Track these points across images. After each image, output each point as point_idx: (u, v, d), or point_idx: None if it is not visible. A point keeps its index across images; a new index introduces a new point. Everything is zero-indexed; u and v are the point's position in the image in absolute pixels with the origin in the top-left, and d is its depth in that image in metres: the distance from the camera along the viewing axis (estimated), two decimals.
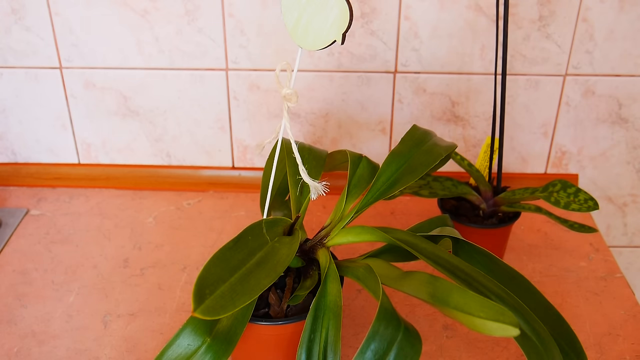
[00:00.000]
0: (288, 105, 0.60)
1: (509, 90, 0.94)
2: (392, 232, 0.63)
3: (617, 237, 1.06)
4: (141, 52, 0.93)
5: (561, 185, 0.77)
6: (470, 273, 0.58)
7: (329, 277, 0.60)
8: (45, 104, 0.97)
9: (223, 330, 0.56)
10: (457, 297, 0.52)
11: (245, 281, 0.52)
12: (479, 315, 0.49)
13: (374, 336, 0.51)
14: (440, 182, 0.82)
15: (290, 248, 0.58)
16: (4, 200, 0.99)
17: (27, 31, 0.92)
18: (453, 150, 0.72)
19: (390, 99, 0.95)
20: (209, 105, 0.97)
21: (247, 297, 0.51)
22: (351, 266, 0.63)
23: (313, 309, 0.57)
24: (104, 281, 0.83)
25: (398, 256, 0.65)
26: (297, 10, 0.57)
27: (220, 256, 0.53)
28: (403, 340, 0.52)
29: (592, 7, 0.87)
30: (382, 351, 0.51)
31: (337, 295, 0.58)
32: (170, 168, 1.02)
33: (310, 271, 0.65)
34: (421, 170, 0.66)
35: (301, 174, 0.61)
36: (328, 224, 0.67)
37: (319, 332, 0.56)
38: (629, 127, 0.96)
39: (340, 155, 0.73)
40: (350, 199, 0.67)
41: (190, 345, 0.55)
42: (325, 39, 0.56)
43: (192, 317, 0.56)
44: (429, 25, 0.89)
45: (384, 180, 0.67)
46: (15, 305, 0.79)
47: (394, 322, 0.53)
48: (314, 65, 0.93)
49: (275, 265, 0.55)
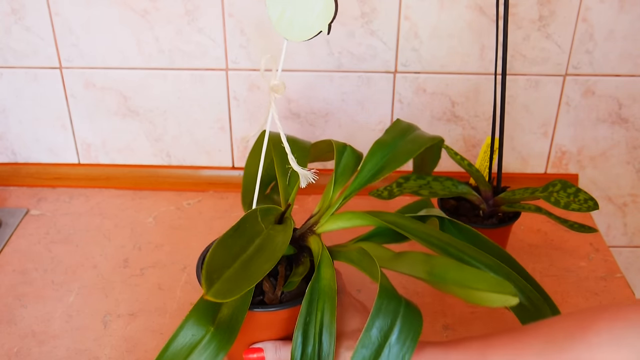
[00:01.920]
0: (275, 96, 0.61)
1: (509, 90, 0.94)
2: (381, 215, 0.64)
3: (617, 237, 1.06)
4: (141, 52, 0.93)
5: (561, 185, 0.76)
6: (462, 248, 0.60)
7: (323, 263, 0.61)
8: (45, 104, 0.97)
9: (225, 319, 0.58)
10: (455, 272, 0.54)
11: (248, 266, 0.54)
12: (477, 287, 0.51)
13: (377, 313, 0.53)
14: (440, 182, 0.82)
15: (284, 235, 0.60)
16: (4, 200, 0.99)
17: (27, 31, 0.92)
18: (439, 141, 0.75)
19: (390, 99, 0.95)
20: (209, 105, 0.97)
21: (251, 281, 0.53)
22: (343, 250, 0.64)
23: (308, 293, 0.59)
24: (104, 281, 0.83)
25: (388, 238, 0.67)
26: (281, 4, 0.57)
27: (222, 243, 0.55)
28: (405, 315, 0.54)
29: (592, 7, 0.87)
30: (386, 327, 0.53)
31: (331, 280, 0.60)
32: (170, 168, 1.02)
33: (301, 258, 0.66)
34: (406, 158, 0.69)
35: (290, 163, 0.62)
36: (317, 212, 0.68)
37: (315, 315, 0.58)
38: (629, 127, 0.96)
39: (324, 145, 0.75)
40: (337, 186, 0.68)
41: (194, 336, 0.56)
42: (311, 29, 0.57)
43: (194, 309, 0.57)
44: (429, 25, 0.89)
45: (369, 168, 0.69)
46: (15, 305, 0.79)
47: (395, 299, 0.54)
48: (314, 65, 0.93)
49: (274, 251, 0.57)
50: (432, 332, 0.75)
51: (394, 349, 0.52)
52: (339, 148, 0.71)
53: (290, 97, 0.95)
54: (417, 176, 0.82)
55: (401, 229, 0.61)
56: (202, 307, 0.58)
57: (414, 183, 0.81)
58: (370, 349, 0.52)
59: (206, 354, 0.56)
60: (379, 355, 0.52)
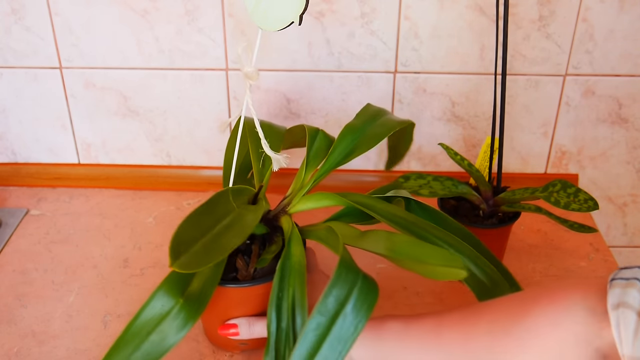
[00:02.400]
0: (250, 83, 0.64)
1: (509, 90, 0.94)
2: (349, 196, 0.67)
3: (617, 237, 1.06)
4: (141, 52, 0.93)
5: (561, 185, 0.77)
6: (424, 227, 0.64)
7: (293, 241, 0.65)
8: (45, 104, 0.97)
9: (194, 292, 0.60)
10: (412, 248, 0.56)
11: (217, 241, 0.57)
12: (431, 262, 0.54)
13: (335, 283, 0.55)
14: (440, 181, 0.82)
15: (255, 214, 0.63)
16: (4, 200, 0.99)
17: (27, 31, 0.92)
18: (409, 124, 0.78)
19: (390, 99, 0.95)
20: (209, 105, 0.97)
21: (219, 254, 0.56)
22: (313, 229, 0.68)
23: (279, 269, 0.62)
24: (104, 281, 0.83)
25: (357, 219, 0.70)
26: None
27: (191, 219, 0.57)
28: (362, 286, 0.56)
29: (592, 7, 0.87)
30: (343, 296, 0.55)
31: (300, 256, 0.63)
32: (170, 168, 1.02)
33: (274, 238, 0.69)
34: (375, 141, 0.72)
35: (263, 147, 0.65)
36: (289, 194, 0.71)
37: (287, 290, 0.61)
38: (629, 127, 0.96)
39: (299, 130, 0.78)
40: (309, 169, 0.72)
41: (164, 306, 0.59)
42: (284, 20, 0.60)
43: (165, 281, 0.60)
44: (429, 25, 0.89)
45: (340, 151, 0.72)
46: (15, 305, 0.79)
47: (353, 271, 0.57)
48: (314, 65, 0.93)
49: (243, 228, 0.60)
50: None
51: (348, 318, 0.54)
52: (311, 132, 0.74)
53: (290, 97, 0.95)
54: (417, 175, 0.82)
55: (368, 209, 0.64)
56: (172, 280, 0.61)
57: (414, 182, 0.81)
58: (326, 316, 0.55)
59: (175, 324, 0.58)
60: (333, 323, 0.54)
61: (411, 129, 0.83)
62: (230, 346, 0.72)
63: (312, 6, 0.88)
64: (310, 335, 0.54)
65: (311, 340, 0.54)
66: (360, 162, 1.00)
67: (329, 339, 0.54)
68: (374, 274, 0.82)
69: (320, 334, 0.54)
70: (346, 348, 0.54)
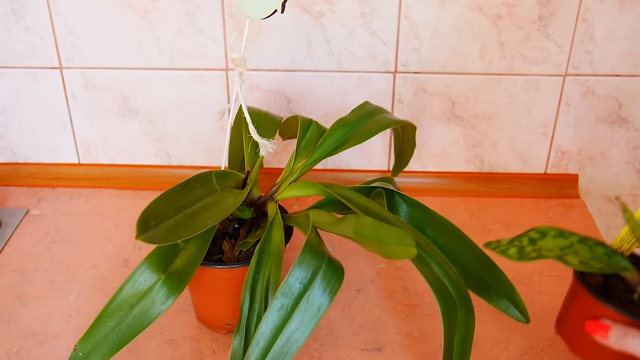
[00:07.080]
0: (240, 70, 0.66)
1: (509, 90, 0.94)
2: (331, 187, 0.69)
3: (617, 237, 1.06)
4: (141, 52, 0.93)
5: None
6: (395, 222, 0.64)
7: (274, 225, 0.67)
8: (45, 104, 0.97)
9: (177, 270, 0.63)
10: (373, 229, 0.58)
11: (190, 219, 0.59)
12: (387, 241, 0.56)
13: (299, 265, 0.57)
14: (587, 245, 0.59)
15: (237, 198, 0.65)
16: (4, 200, 0.99)
17: (27, 31, 0.92)
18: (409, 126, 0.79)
19: (391, 99, 0.95)
20: (209, 105, 0.97)
21: (190, 232, 0.58)
22: (294, 216, 0.70)
23: (258, 252, 0.64)
24: (104, 281, 0.83)
25: (338, 208, 0.72)
26: None
27: (166, 196, 0.59)
28: (327, 270, 0.58)
29: (592, 7, 0.88)
30: (306, 279, 0.57)
31: (280, 241, 0.65)
32: (170, 168, 1.02)
33: (261, 223, 0.71)
34: (367, 136, 0.74)
35: (251, 133, 0.68)
36: (279, 181, 0.73)
37: (262, 273, 0.63)
38: (628, 127, 0.96)
39: (294, 121, 0.79)
40: (299, 158, 0.74)
41: (146, 282, 0.62)
42: (267, 9, 0.63)
43: (148, 257, 0.63)
44: (429, 25, 0.90)
45: (330, 143, 0.74)
46: (15, 305, 0.79)
47: (318, 254, 0.59)
48: (314, 65, 0.93)
49: (221, 210, 0.62)
50: (433, 332, 0.75)
51: (311, 300, 0.57)
52: (304, 123, 0.76)
53: (290, 97, 0.96)
54: (557, 233, 0.58)
55: (345, 199, 0.66)
56: (156, 256, 0.63)
57: (552, 242, 0.58)
58: (290, 298, 0.57)
59: (156, 298, 0.61)
60: (297, 305, 0.57)
61: (413, 133, 0.83)
62: (216, 326, 0.74)
63: (312, 6, 0.88)
64: (274, 316, 0.57)
65: (275, 320, 0.57)
66: (363, 162, 1.00)
67: (293, 320, 0.57)
68: (374, 274, 0.82)
69: (284, 314, 0.57)
70: (309, 328, 0.57)
